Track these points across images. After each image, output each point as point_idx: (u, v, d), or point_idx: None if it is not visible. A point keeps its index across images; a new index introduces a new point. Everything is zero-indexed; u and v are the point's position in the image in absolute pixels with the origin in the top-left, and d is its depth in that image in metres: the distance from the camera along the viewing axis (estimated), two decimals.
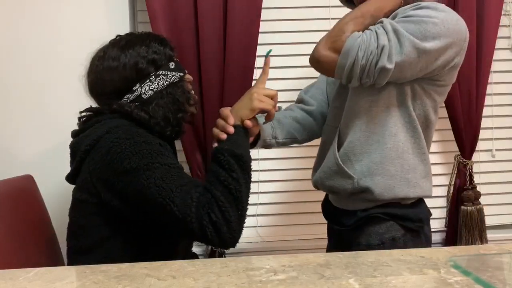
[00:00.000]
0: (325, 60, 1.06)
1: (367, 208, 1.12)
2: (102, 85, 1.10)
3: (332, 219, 1.26)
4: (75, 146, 1.08)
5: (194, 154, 1.63)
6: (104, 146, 1.00)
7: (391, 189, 1.08)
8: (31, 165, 1.54)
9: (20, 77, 1.60)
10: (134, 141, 0.98)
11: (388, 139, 1.09)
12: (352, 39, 1.01)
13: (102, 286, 0.70)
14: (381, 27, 1.02)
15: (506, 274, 0.71)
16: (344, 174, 1.12)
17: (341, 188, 1.13)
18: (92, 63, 1.12)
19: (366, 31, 1.03)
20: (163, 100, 1.09)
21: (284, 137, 1.32)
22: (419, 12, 1.03)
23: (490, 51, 1.68)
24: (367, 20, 1.06)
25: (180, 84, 1.14)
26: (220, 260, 0.81)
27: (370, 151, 1.10)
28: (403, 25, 1.01)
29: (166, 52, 1.13)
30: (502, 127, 1.81)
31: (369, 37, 1.01)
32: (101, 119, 1.07)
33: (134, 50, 1.09)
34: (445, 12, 1.03)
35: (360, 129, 1.11)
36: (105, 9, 1.63)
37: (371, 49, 0.99)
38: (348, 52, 1.01)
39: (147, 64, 1.09)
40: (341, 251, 1.15)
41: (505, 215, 1.82)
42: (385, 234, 1.10)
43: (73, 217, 1.08)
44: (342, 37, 1.03)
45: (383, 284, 0.67)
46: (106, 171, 0.99)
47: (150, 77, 1.09)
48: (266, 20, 1.69)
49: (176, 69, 1.13)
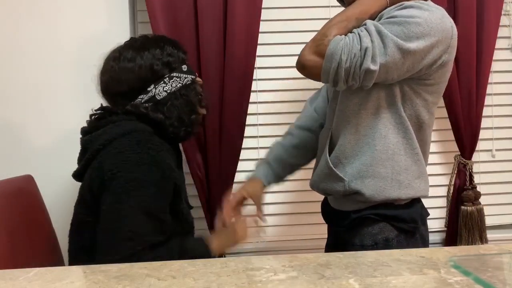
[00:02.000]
0: (310, 64, 1.06)
1: (359, 209, 1.12)
2: (118, 85, 1.12)
3: (330, 219, 1.28)
4: (88, 144, 1.10)
5: (194, 154, 1.63)
6: (116, 148, 1.02)
7: (382, 191, 1.08)
8: (31, 165, 1.54)
9: (20, 77, 1.60)
10: (141, 157, 1.01)
11: (378, 141, 1.09)
12: (335, 42, 1.01)
13: (102, 286, 0.70)
14: (364, 29, 1.02)
15: (506, 274, 0.71)
16: (335, 177, 1.13)
17: (333, 190, 1.14)
18: (107, 63, 1.15)
19: (349, 34, 1.04)
20: (178, 101, 1.13)
21: (289, 171, 1.37)
22: (403, 12, 1.03)
23: (490, 51, 1.68)
24: (351, 23, 1.06)
25: (193, 86, 1.18)
26: (220, 260, 0.81)
27: (361, 153, 1.10)
28: (387, 26, 1.01)
29: (179, 55, 1.17)
30: (502, 127, 1.81)
31: (352, 40, 1.01)
32: (116, 120, 1.09)
33: (149, 52, 1.13)
34: (429, 11, 1.03)
35: (350, 132, 1.12)
36: (105, 9, 1.63)
37: (354, 52, 0.99)
38: (331, 56, 1.01)
39: (162, 66, 1.12)
40: (337, 251, 1.17)
41: (505, 215, 1.82)
42: (378, 235, 1.10)
43: (79, 214, 1.09)
44: (325, 41, 1.03)
45: (383, 284, 0.67)
46: (104, 169, 1.01)
47: (164, 78, 1.13)
48: (266, 20, 1.69)
49: (189, 72, 1.17)
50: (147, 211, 1.00)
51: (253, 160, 1.75)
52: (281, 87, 1.76)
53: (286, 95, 1.76)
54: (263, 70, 1.74)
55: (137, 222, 0.99)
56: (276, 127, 1.76)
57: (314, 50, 1.05)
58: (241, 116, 1.62)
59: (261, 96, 1.75)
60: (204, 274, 0.74)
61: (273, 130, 1.76)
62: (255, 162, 1.74)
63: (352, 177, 1.10)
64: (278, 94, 1.76)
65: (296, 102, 1.74)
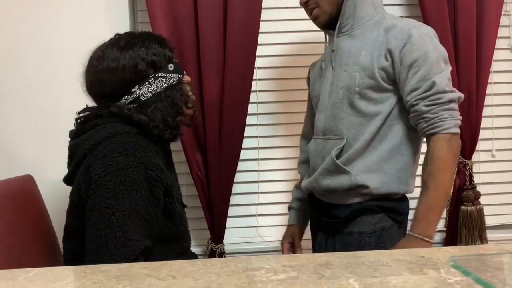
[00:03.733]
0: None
1: (361, 201, 1.22)
2: (101, 86, 1.09)
3: (322, 212, 1.32)
4: (74, 149, 1.07)
5: (194, 154, 1.63)
6: (102, 151, 1.00)
7: (385, 185, 1.20)
8: (31, 165, 1.54)
9: (20, 77, 1.60)
10: (128, 160, 0.98)
11: (384, 143, 1.20)
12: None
13: (102, 286, 0.70)
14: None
15: (506, 274, 0.71)
16: (341, 172, 1.21)
17: (338, 185, 1.22)
18: (91, 63, 1.11)
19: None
20: (162, 103, 1.09)
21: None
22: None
23: (490, 51, 1.68)
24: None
25: (179, 86, 1.13)
26: (220, 260, 0.81)
27: (368, 153, 1.21)
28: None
29: (165, 54, 1.12)
30: (502, 127, 1.81)
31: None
32: (101, 122, 1.06)
33: (133, 51, 1.09)
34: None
35: (365, 138, 1.20)
36: (105, 9, 1.63)
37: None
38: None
39: (146, 66, 1.09)
40: (328, 242, 1.28)
41: (505, 215, 1.82)
42: (377, 224, 1.21)
43: (70, 219, 1.07)
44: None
45: (383, 284, 0.66)
46: (91, 173, 0.99)
47: (149, 79, 1.09)
48: (266, 20, 1.69)
49: (175, 71, 1.13)
50: (138, 214, 0.97)
51: (253, 160, 1.75)
52: (281, 87, 1.76)
53: (286, 95, 1.76)
54: (263, 70, 1.74)
55: (130, 226, 0.96)
56: (276, 127, 1.76)
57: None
58: (241, 116, 1.62)
59: (261, 96, 1.75)
60: (204, 274, 0.74)
61: (273, 130, 1.76)
62: (255, 162, 1.75)
63: (358, 171, 1.20)
64: (278, 94, 1.76)
65: (296, 102, 1.74)
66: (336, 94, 1.24)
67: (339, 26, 1.26)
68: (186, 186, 1.71)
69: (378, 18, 1.23)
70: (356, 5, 1.23)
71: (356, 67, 1.20)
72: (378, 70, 1.18)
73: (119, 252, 0.94)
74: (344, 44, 1.26)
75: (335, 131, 1.25)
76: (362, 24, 1.24)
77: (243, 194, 1.76)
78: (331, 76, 1.28)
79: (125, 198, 0.96)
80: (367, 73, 1.19)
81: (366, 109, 1.20)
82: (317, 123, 1.32)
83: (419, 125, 1.16)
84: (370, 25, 1.23)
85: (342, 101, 1.23)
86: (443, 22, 1.62)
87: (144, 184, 0.98)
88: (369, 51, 1.20)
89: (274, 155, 1.77)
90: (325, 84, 1.29)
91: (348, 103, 1.22)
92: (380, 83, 1.18)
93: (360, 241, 1.20)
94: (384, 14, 1.25)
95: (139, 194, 0.98)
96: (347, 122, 1.22)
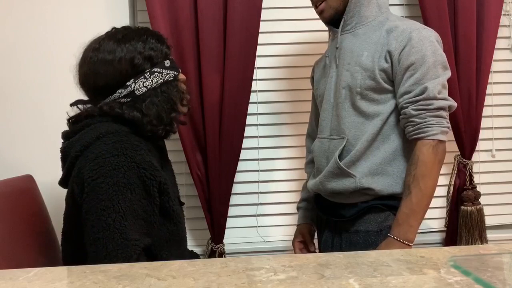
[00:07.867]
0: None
1: (367, 200, 1.23)
2: (95, 78, 1.07)
3: (329, 211, 1.32)
4: (66, 151, 1.06)
5: (194, 154, 1.63)
6: (93, 153, 0.98)
7: (390, 186, 1.20)
8: (31, 165, 1.54)
9: (20, 77, 1.60)
10: (119, 160, 0.97)
11: (386, 145, 1.21)
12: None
13: (102, 286, 0.70)
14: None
15: (506, 274, 0.71)
16: (346, 175, 1.21)
17: (343, 188, 1.22)
18: (86, 54, 1.09)
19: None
20: (157, 98, 1.07)
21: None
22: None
23: (490, 51, 1.68)
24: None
25: (175, 83, 1.12)
26: (220, 260, 0.81)
27: (372, 155, 1.21)
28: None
29: (162, 50, 1.11)
30: (502, 127, 1.81)
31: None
32: (91, 123, 1.05)
33: (131, 44, 1.07)
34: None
35: (367, 139, 1.20)
36: (105, 9, 1.63)
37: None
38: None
39: (143, 60, 1.07)
40: (335, 241, 1.29)
41: (505, 215, 1.82)
42: (384, 223, 1.21)
43: (67, 223, 1.06)
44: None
45: (383, 284, 0.66)
46: (84, 176, 0.98)
47: (145, 73, 1.07)
48: (266, 20, 1.69)
49: (171, 68, 1.12)
50: (134, 214, 0.96)
51: (253, 160, 1.75)
52: (281, 87, 1.76)
53: (286, 95, 1.76)
54: (263, 70, 1.74)
55: (128, 227, 0.95)
56: (276, 127, 1.76)
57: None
58: (241, 116, 1.62)
59: (261, 96, 1.75)
60: (204, 274, 0.74)
61: (273, 130, 1.76)
62: (255, 162, 1.75)
63: (363, 174, 1.20)
64: (278, 94, 1.76)
65: (296, 102, 1.75)
66: (339, 93, 1.25)
67: (343, 24, 1.26)
68: (186, 186, 1.71)
69: (382, 19, 1.23)
70: (361, 4, 1.23)
71: (358, 68, 1.21)
72: (378, 72, 1.18)
73: (120, 254, 0.94)
74: (347, 42, 1.26)
75: (338, 131, 1.25)
76: (366, 24, 1.24)
77: (243, 194, 1.76)
78: (335, 75, 1.28)
79: (120, 199, 0.95)
80: (369, 74, 1.19)
81: (367, 109, 1.20)
82: (321, 122, 1.32)
83: (406, 128, 1.17)
84: (373, 25, 1.23)
85: (345, 100, 1.23)
86: (443, 22, 1.62)
87: (138, 183, 0.97)
88: (370, 52, 1.20)
89: (274, 155, 1.76)
90: (329, 83, 1.30)
91: (350, 103, 1.23)
92: (381, 84, 1.19)
93: (367, 240, 1.21)
94: (388, 14, 1.25)
95: (134, 194, 0.97)
96: (349, 122, 1.22)
